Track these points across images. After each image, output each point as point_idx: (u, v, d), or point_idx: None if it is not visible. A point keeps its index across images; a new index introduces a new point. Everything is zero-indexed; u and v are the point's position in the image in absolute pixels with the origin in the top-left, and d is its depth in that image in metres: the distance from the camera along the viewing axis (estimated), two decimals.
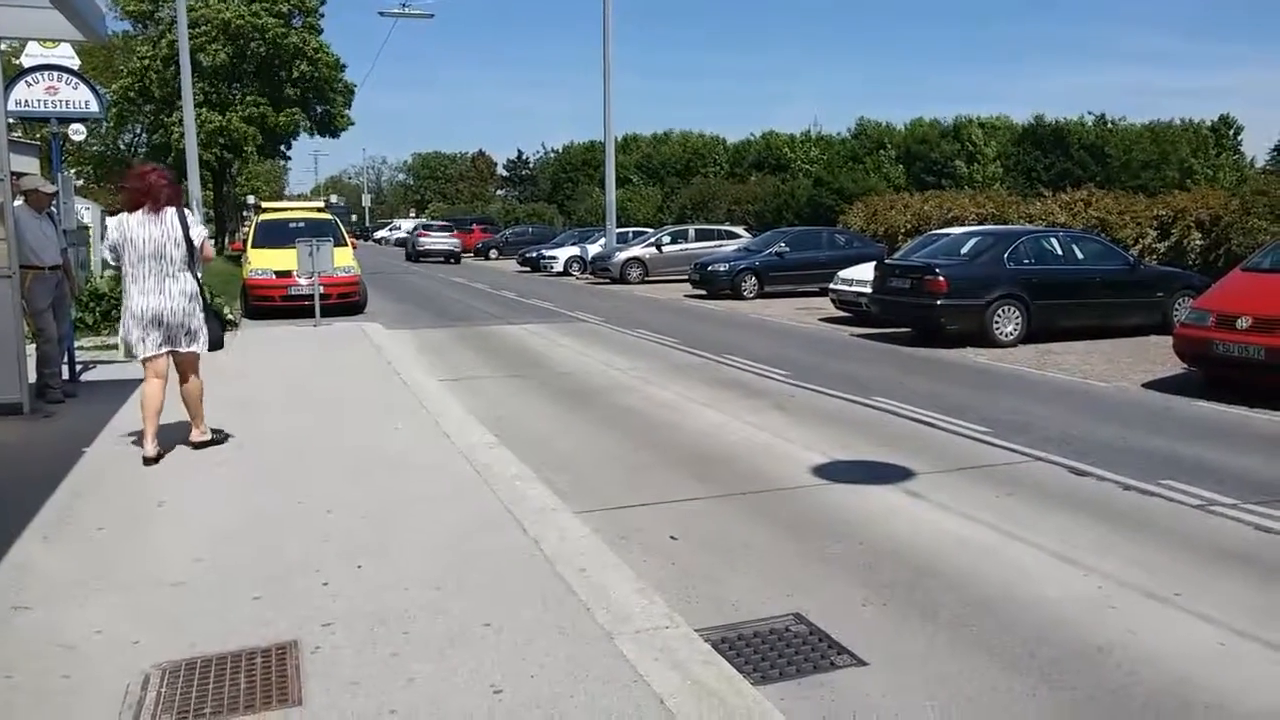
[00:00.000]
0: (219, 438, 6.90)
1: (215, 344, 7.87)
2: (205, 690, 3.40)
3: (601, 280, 28.66)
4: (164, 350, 6.48)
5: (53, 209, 8.84)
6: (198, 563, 4.59)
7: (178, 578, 4.40)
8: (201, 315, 6.66)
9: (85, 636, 3.80)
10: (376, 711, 3.22)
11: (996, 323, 13.22)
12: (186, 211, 6.62)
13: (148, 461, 6.32)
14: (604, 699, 3.30)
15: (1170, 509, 6.02)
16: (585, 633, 3.80)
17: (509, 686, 3.37)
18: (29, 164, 21.55)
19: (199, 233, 6.60)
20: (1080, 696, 3.70)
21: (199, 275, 6.69)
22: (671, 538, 5.44)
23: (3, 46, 7.83)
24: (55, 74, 9.47)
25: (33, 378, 8.22)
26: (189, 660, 3.60)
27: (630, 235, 33.00)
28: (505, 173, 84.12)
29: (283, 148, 45.00)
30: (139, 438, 6.57)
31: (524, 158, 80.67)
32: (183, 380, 6.68)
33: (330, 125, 43.35)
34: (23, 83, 9.40)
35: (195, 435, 6.81)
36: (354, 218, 78.49)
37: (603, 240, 32.26)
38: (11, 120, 8.53)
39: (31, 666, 3.57)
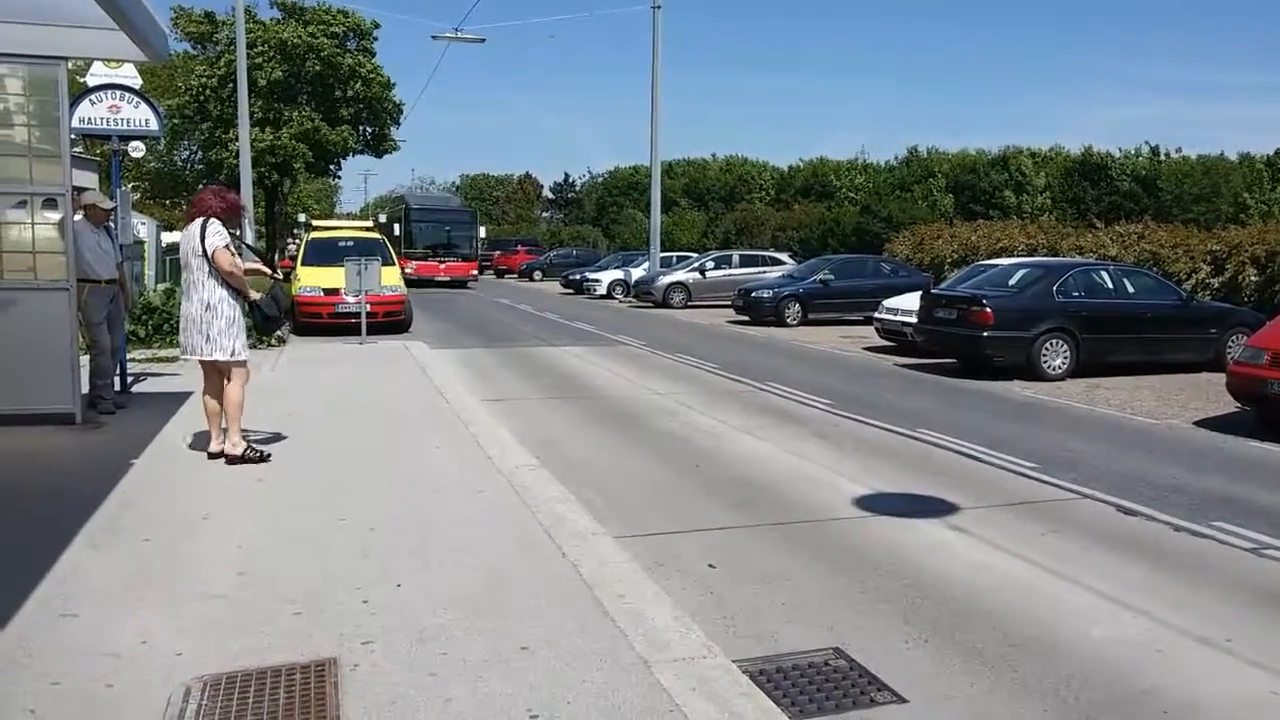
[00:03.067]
0: (253, 456, 6.89)
1: (264, 327, 8.08)
2: (245, 704, 3.42)
3: (644, 304, 28.72)
4: (192, 356, 6.88)
5: (110, 224, 9.05)
6: (241, 576, 4.64)
7: (221, 590, 4.45)
8: (222, 324, 6.78)
9: (130, 646, 3.85)
10: None
11: (1044, 356, 13.04)
12: (212, 223, 6.77)
13: (211, 456, 6.90)
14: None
15: (1222, 551, 5.89)
16: (622, 660, 3.78)
17: (545, 712, 3.36)
18: (89, 179, 22.10)
19: (211, 242, 6.73)
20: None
21: (236, 283, 6.88)
22: (710, 566, 5.41)
23: (70, 65, 8.03)
24: (118, 93, 9.73)
25: (85, 388, 8.39)
26: (230, 674, 3.63)
27: (674, 259, 33.09)
28: (551, 195, 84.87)
29: (332, 166, 45.75)
30: (194, 442, 6.76)
31: (570, 180, 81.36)
32: (220, 388, 6.96)
33: (380, 145, 44.05)
34: (87, 101, 9.65)
35: (218, 445, 6.96)
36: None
37: (646, 264, 32.36)
38: (74, 136, 8.74)
39: (77, 674, 3.62)
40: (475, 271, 39.95)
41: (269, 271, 7.66)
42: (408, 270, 30.41)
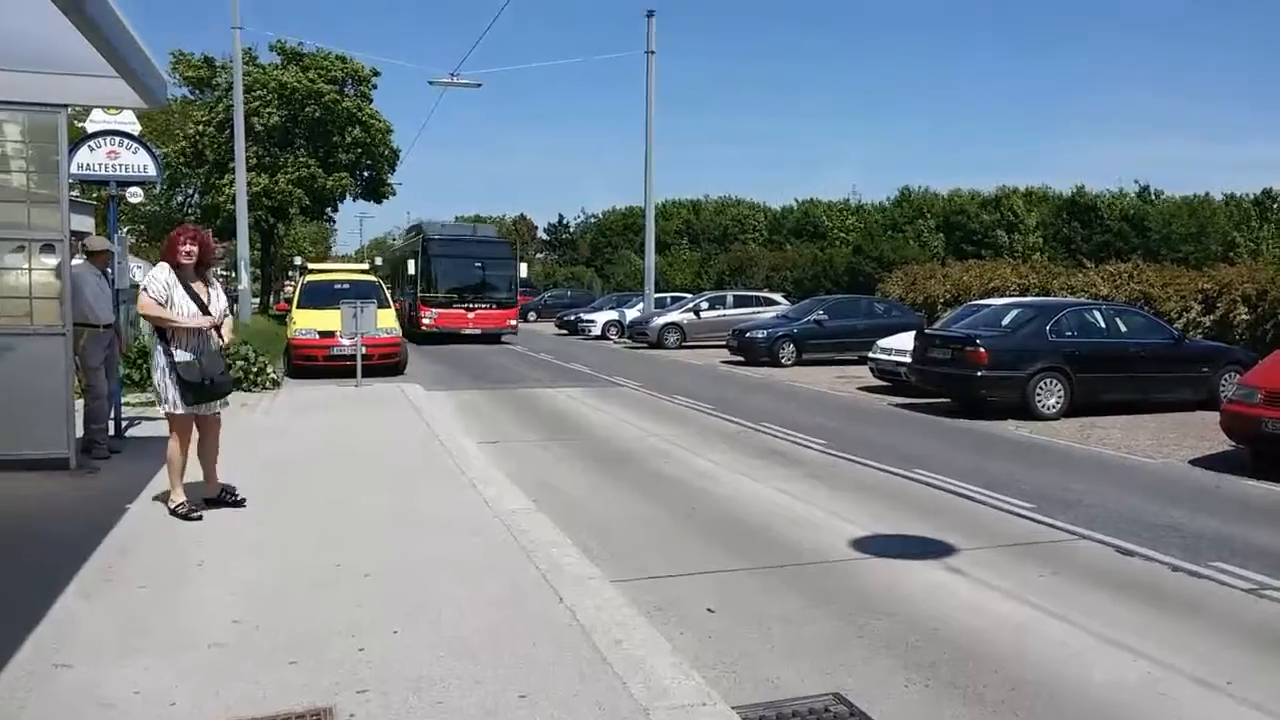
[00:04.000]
0: (182, 513, 6.57)
1: (186, 390, 6.57)
2: None
3: (639, 345, 28.78)
4: None
5: (107, 268, 9.08)
6: (236, 624, 4.61)
7: (216, 639, 4.42)
8: (156, 373, 6.64)
9: (124, 696, 3.81)
10: None
11: (1039, 395, 13.08)
12: (158, 266, 6.67)
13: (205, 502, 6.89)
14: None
15: (1220, 592, 5.87)
16: (621, 708, 3.75)
17: None
18: (85, 223, 22.20)
19: (143, 285, 6.65)
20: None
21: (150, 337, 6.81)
22: (709, 610, 5.38)
23: (70, 111, 8.09)
24: (117, 139, 9.79)
25: (80, 433, 8.36)
26: None
27: (668, 300, 33.22)
28: (545, 236, 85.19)
29: (328, 210, 45.96)
30: (188, 489, 6.70)
31: (564, 222, 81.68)
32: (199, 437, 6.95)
33: (376, 190, 44.28)
34: (85, 147, 9.71)
35: (209, 491, 6.98)
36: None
37: (640, 305, 32.47)
38: (71, 181, 8.79)
39: None
40: (514, 321, 30.67)
41: (208, 325, 6.63)
42: (425, 321, 28.37)
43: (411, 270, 29.48)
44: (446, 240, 30.39)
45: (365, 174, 43.30)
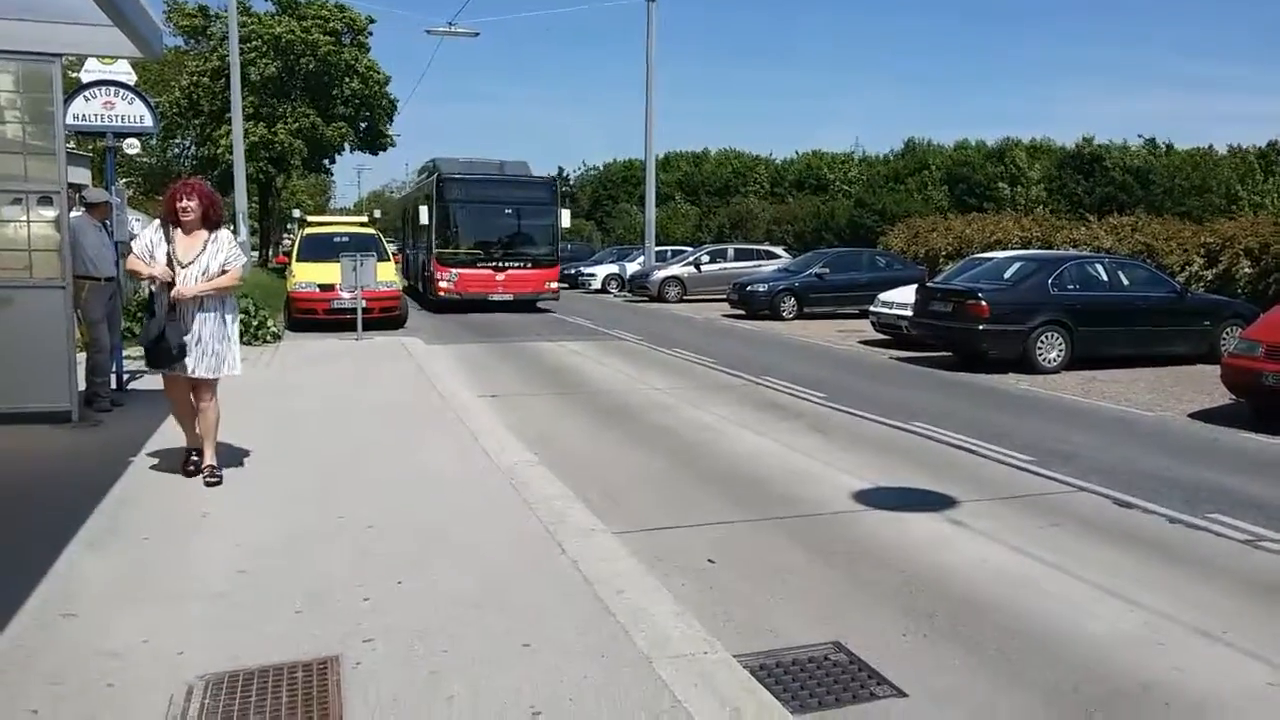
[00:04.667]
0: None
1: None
2: (248, 703, 3.43)
3: (640, 298, 28.72)
4: None
5: (106, 221, 9.03)
6: (241, 574, 4.64)
7: (221, 589, 4.45)
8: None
9: (131, 645, 3.85)
10: None
11: (1040, 349, 13.07)
12: (154, 222, 6.37)
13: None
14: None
15: (1217, 543, 5.91)
16: (624, 656, 3.79)
17: (547, 709, 3.37)
18: (82, 175, 22.02)
19: None
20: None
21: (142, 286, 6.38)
22: (709, 561, 5.42)
23: (64, 61, 8.00)
24: (112, 89, 9.68)
25: (82, 386, 8.37)
26: (232, 673, 3.63)
27: (669, 254, 33.08)
28: None
29: (326, 162, 45.64)
30: (187, 448, 6.64)
31: (564, 174, 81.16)
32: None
33: (375, 141, 43.92)
34: (81, 97, 9.60)
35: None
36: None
37: (641, 258, 32.35)
38: (67, 133, 8.71)
39: (78, 674, 3.62)
40: (555, 284, 23.94)
41: (160, 275, 6.06)
42: (443, 285, 22.63)
43: (424, 219, 23.48)
44: (468, 180, 23.44)
45: (363, 125, 42.92)
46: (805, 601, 4.87)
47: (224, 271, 6.17)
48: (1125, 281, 14.18)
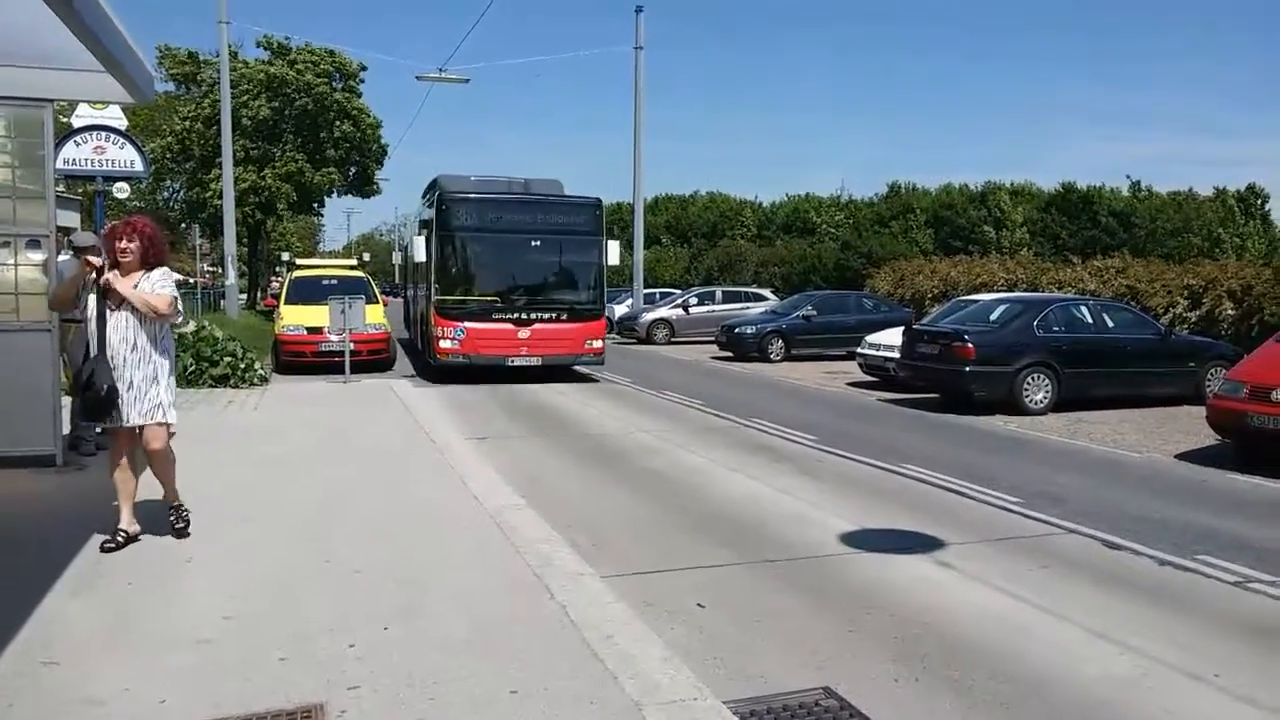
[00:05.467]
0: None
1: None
2: None
3: (628, 340, 28.76)
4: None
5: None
6: (226, 620, 4.59)
7: (205, 635, 4.40)
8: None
9: (113, 694, 3.79)
10: None
11: (1026, 390, 13.12)
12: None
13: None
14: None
15: (1207, 585, 5.91)
16: (612, 702, 3.75)
17: None
18: (70, 218, 22.06)
19: None
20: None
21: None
22: (699, 605, 5.39)
23: (56, 106, 8.04)
24: (103, 134, 9.75)
25: (66, 430, 8.31)
26: None
27: (657, 296, 33.19)
28: None
29: (316, 205, 45.74)
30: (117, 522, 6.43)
31: None
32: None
33: (364, 186, 44.08)
34: (72, 142, 9.66)
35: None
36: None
37: (630, 300, 32.44)
38: (57, 176, 8.73)
39: None
40: (599, 341, 17.58)
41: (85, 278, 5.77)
42: (444, 344, 16.42)
43: (420, 254, 17.95)
44: (481, 201, 16.98)
45: (353, 170, 43.11)
46: (796, 646, 4.84)
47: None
48: (1110, 323, 14.29)
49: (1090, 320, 14.18)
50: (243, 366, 14.28)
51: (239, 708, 3.68)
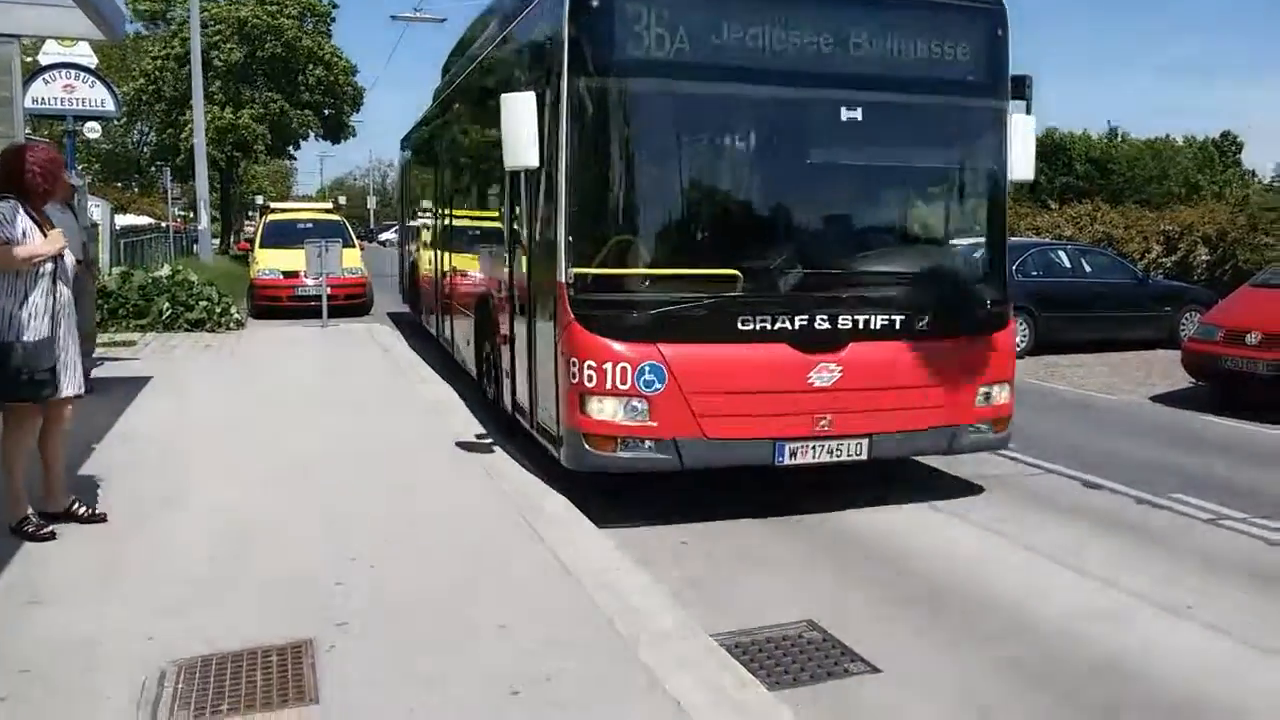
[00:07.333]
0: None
1: None
2: (222, 687, 3.39)
3: None
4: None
5: (70, 203, 8.85)
6: (212, 561, 4.60)
7: (192, 575, 4.40)
8: None
9: (100, 632, 3.80)
10: (394, 710, 3.23)
11: None
12: None
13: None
14: (621, 703, 3.31)
15: (1181, 522, 6.03)
16: (602, 637, 3.80)
17: (526, 689, 3.36)
18: None
19: None
20: (1095, 709, 3.70)
21: None
22: (682, 543, 5.44)
23: (21, 44, 7.84)
24: (73, 72, 9.52)
25: None
26: (204, 657, 3.59)
27: None
28: None
29: (290, 148, 45.05)
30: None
31: None
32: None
33: (339, 130, 43.42)
34: (40, 80, 9.43)
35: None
36: None
37: None
38: (26, 116, 8.54)
39: (47, 661, 3.57)
40: (1007, 391, 6.23)
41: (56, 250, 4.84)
42: (600, 406, 5.46)
43: (526, 151, 5.58)
44: None
45: (327, 113, 42.41)
46: (778, 583, 4.90)
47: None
48: (1087, 268, 14.36)
49: (1068, 265, 14.24)
50: (219, 311, 14.14)
51: (229, 644, 3.69)
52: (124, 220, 31.92)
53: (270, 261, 17.82)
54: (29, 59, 11.49)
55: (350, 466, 6.35)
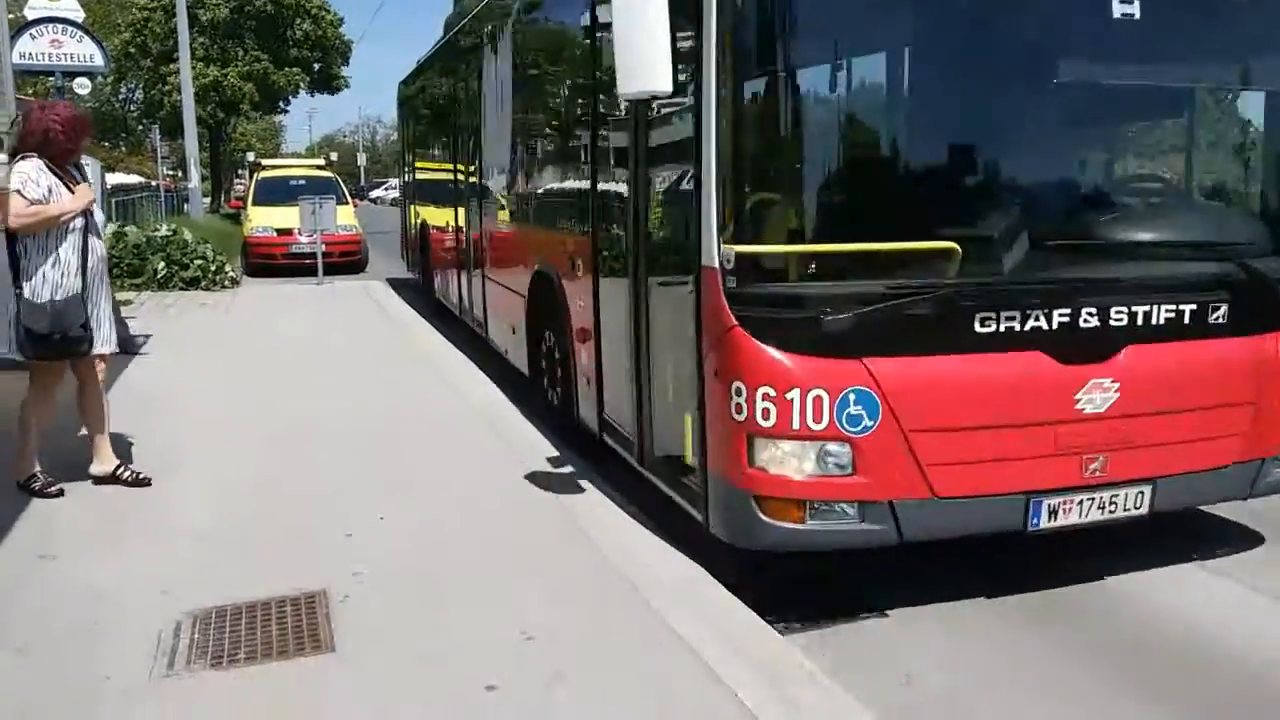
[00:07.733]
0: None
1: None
2: (238, 636, 3.44)
3: None
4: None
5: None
6: (222, 514, 4.63)
7: (204, 528, 4.44)
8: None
9: (114, 584, 3.84)
10: (409, 656, 3.28)
11: None
12: (26, 162, 4.70)
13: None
14: (633, 647, 3.36)
15: None
16: (610, 583, 3.85)
17: (538, 634, 3.41)
18: None
19: None
20: (1095, 643, 3.75)
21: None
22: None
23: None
24: (60, 27, 9.36)
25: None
26: (219, 608, 3.63)
27: None
28: None
29: (281, 104, 44.52)
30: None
31: None
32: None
33: (328, 83, 42.89)
34: (27, 35, 9.28)
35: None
36: None
37: None
38: (13, 72, 8.43)
39: (62, 613, 3.62)
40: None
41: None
42: (777, 457, 3.68)
43: (658, 76, 3.58)
44: None
45: (316, 67, 41.87)
46: None
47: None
48: None
49: None
50: (214, 269, 14.09)
51: (243, 594, 3.72)
52: (114, 179, 31.56)
53: (263, 219, 17.68)
54: (12, 15, 11.33)
55: (351, 423, 6.37)
